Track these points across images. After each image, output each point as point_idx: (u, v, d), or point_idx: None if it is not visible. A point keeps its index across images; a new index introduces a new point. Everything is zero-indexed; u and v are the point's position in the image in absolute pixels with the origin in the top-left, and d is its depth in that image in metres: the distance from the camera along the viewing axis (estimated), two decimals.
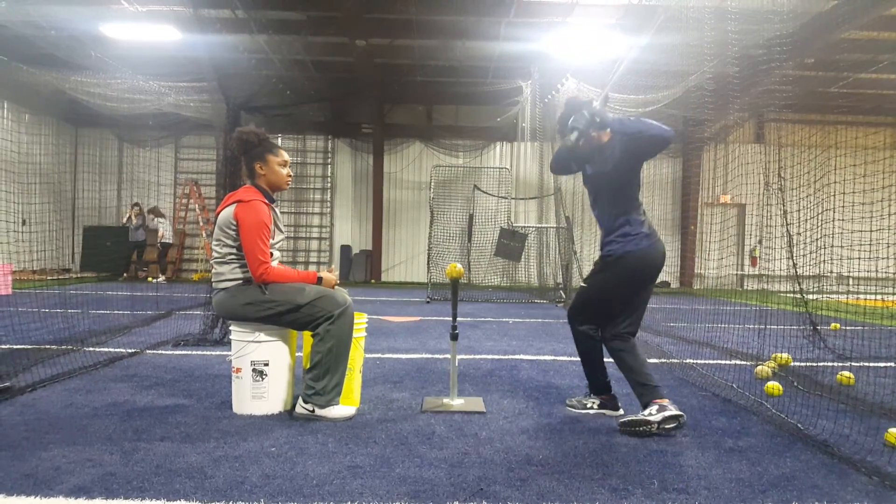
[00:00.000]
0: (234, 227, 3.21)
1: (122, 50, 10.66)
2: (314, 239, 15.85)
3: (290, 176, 3.46)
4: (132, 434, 2.87)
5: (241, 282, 3.24)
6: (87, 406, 3.33)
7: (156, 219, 13.80)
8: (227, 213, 3.26)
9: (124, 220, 14.16)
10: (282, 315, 3.19)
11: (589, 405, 3.49)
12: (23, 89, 12.20)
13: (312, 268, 15.59)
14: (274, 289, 3.21)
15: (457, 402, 3.54)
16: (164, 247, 13.75)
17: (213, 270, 3.33)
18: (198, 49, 9.28)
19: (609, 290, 3.31)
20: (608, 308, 3.32)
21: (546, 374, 4.47)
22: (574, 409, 3.50)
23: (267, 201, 3.32)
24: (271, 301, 3.18)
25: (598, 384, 3.50)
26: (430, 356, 5.10)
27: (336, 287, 3.42)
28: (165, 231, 13.73)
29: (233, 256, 3.26)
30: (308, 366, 3.25)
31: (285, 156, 3.44)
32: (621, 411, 3.45)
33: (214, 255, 3.31)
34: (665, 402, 3.03)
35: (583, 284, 3.45)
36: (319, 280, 3.34)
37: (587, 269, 11.74)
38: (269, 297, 3.18)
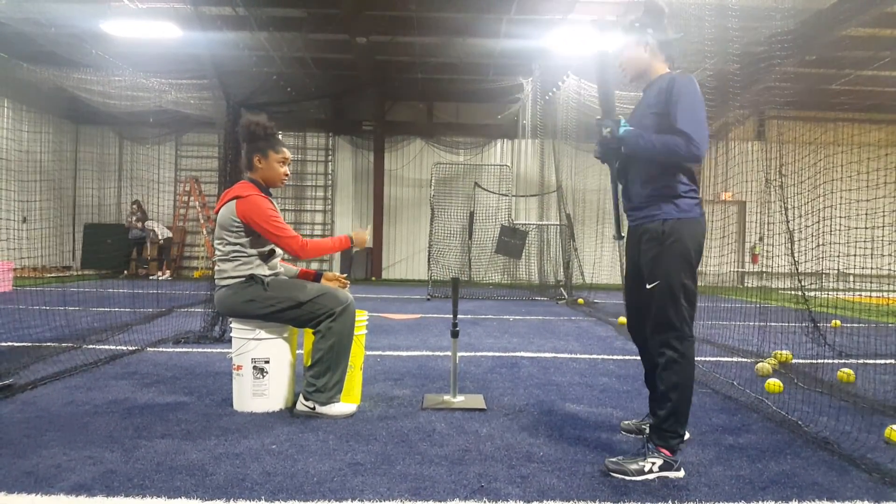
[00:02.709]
0: (236, 224, 3.20)
1: (123, 47, 10.65)
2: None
3: (286, 175, 3.42)
4: (133, 432, 2.87)
5: (243, 279, 3.23)
6: (87, 403, 3.33)
7: (149, 221, 13.93)
8: (227, 210, 3.24)
9: (126, 221, 14.19)
10: (283, 311, 3.19)
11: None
12: (23, 87, 12.19)
13: (313, 264, 15.60)
14: (275, 285, 3.21)
15: (457, 400, 3.54)
16: (162, 245, 13.83)
17: (216, 268, 3.32)
18: (198, 46, 9.27)
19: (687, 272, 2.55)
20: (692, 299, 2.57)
21: (546, 372, 4.47)
22: (630, 435, 3.00)
23: (263, 194, 3.32)
24: (273, 297, 3.18)
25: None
26: (430, 353, 5.10)
27: (363, 242, 3.42)
28: (160, 232, 13.86)
29: (236, 254, 3.24)
30: (309, 363, 3.25)
31: (287, 154, 3.40)
32: (686, 435, 2.85)
33: (217, 252, 3.30)
34: (671, 453, 2.49)
35: (652, 285, 2.57)
36: (350, 241, 3.36)
37: (587, 266, 11.79)
38: (270, 293, 3.18)
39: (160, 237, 13.99)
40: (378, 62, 13.09)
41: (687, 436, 2.92)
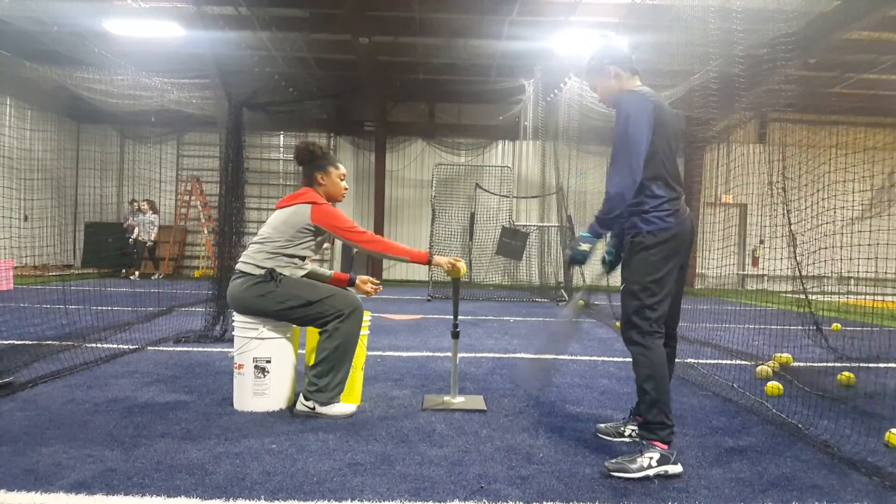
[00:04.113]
0: (307, 227, 3.31)
1: (125, 46, 10.65)
2: None
3: (346, 189, 3.61)
4: (133, 430, 2.87)
5: (261, 272, 3.25)
6: (87, 402, 3.34)
7: (147, 214, 13.18)
8: (300, 212, 3.33)
9: (124, 221, 14.05)
10: (293, 309, 3.21)
11: (627, 433, 2.97)
12: (25, 85, 12.19)
13: (314, 264, 15.54)
14: (287, 283, 3.24)
15: (457, 400, 3.54)
16: (139, 245, 13.13)
17: (247, 250, 3.37)
18: (200, 45, 9.27)
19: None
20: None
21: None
22: (608, 438, 2.99)
23: None
24: (284, 294, 3.20)
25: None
26: (431, 354, 5.10)
27: (457, 266, 3.46)
28: (143, 230, 13.12)
29: (276, 245, 3.30)
30: (312, 362, 3.26)
31: (343, 169, 3.58)
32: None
33: (259, 236, 3.38)
34: (666, 446, 2.52)
35: (621, 286, 2.74)
36: (430, 259, 3.42)
37: (587, 267, 11.77)
38: (282, 290, 3.21)
39: (150, 236, 13.21)
40: (380, 63, 13.09)
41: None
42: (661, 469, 2.47)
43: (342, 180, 3.58)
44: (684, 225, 2.67)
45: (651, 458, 2.47)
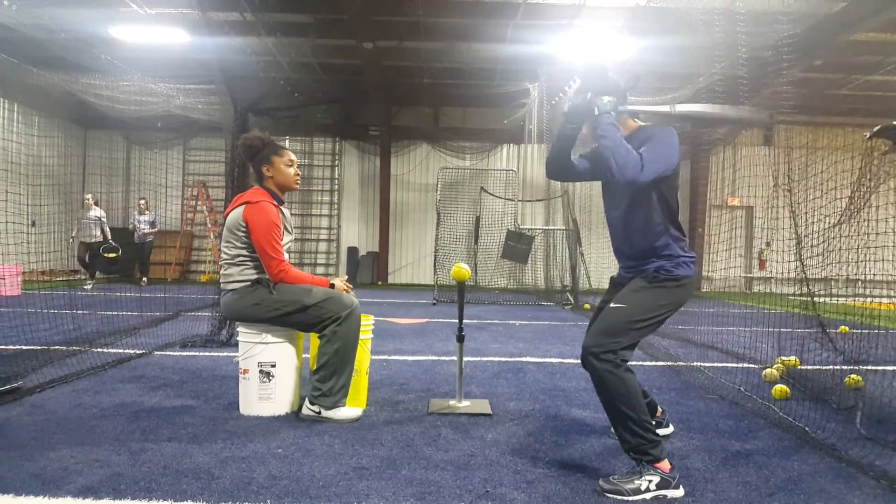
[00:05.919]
0: (243, 229, 3.23)
1: (131, 52, 10.73)
2: (322, 241, 15.88)
3: (297, 175, 3.45)
4: (140, 435, 2.88)
5: (249, 283, 3.25)
6: (95, 407, 3.35)
7: (90, 209, 11.52)
8: (235, 214, 3.28)
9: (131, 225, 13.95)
10: (289, 315, 3.20)
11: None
12: (33, 92, 12.29)
13: (320, 269, 15.62)
14: (282, 289, 3.22)
15: (463, 404, 3.53)
16: (86, 246, 11.57)
17: (222, 272, 3.34)
18: (206, 51, 9.33)
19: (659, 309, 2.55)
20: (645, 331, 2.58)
21: (553, 377, 4.46)
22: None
23: (275, 202, 3.34)
24: (278, 301, 3.19)
25: (649, 407, 2.82)
26: (436, 358, 5.10)
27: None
28: (83, 229, 11.51)
29: (242, 258, 3.27)
30: (315, 367, 3.26)
31: (291, 155, 3.42)
32: (671, 428, 3.08)
33: (223, 256, 3.33)
34: (668, 468, 2.38)
35: (618, 305, 2.55)
36: (331, 286, 3.35)
37: (593, 270, 11.75)
38: (276, 297, 3.20)
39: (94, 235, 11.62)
40: (385, 67, 13.13)
41: (671, 429, 3.05)
42: (660, 493, 2.33)
43: (290, 166, 3.38)
44: (693, 278, 2.64)
45: (650, 482, 2.33)
